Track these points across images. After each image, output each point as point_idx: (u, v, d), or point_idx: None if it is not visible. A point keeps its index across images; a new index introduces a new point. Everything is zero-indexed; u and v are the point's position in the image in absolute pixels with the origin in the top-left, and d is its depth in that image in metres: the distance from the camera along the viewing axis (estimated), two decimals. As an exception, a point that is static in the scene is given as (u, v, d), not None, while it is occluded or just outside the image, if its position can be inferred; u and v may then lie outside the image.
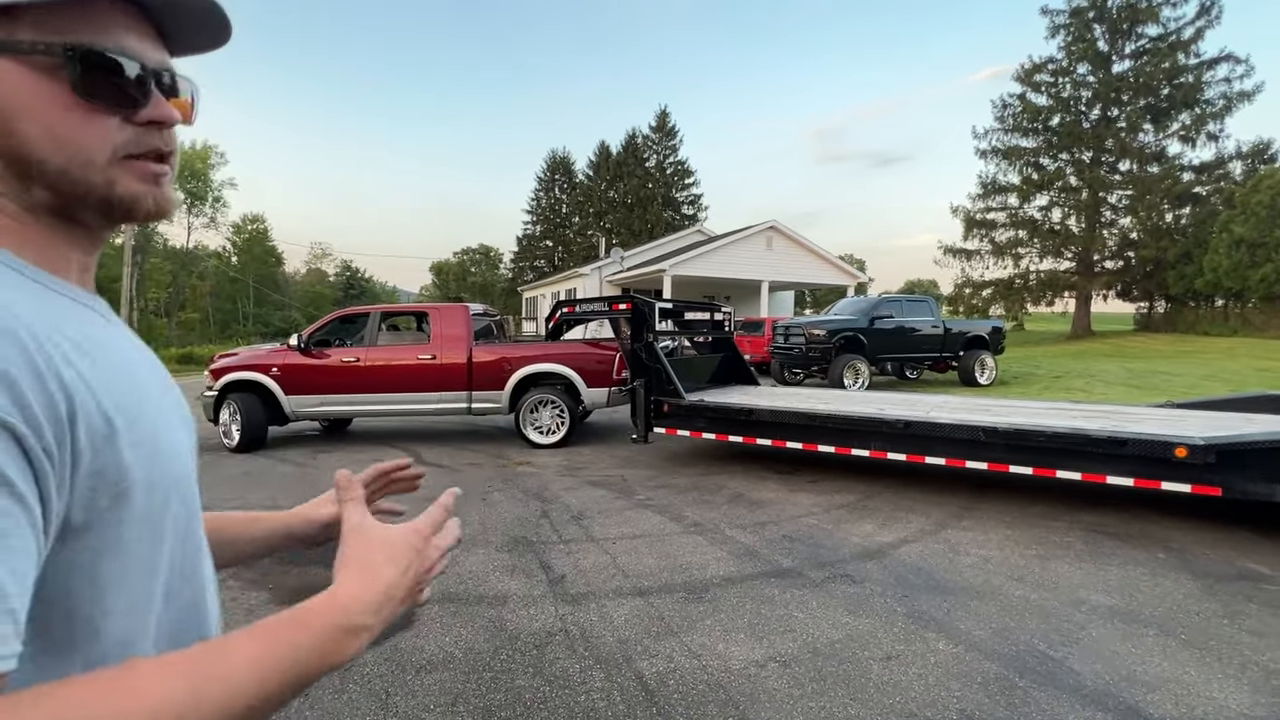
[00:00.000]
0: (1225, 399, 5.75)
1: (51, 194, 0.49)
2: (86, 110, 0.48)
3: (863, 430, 4.90)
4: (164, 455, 0.50)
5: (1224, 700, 2.23)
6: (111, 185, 0.49)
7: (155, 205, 0.52)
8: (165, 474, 0.49)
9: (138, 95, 0.50)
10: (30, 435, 0.39)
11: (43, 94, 0.46)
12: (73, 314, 0.48)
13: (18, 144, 0.47)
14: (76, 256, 0.53)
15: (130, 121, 0.50)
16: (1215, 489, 3.65)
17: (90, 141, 0.48)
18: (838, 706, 2.20)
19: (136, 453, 0.46)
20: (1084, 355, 18.99)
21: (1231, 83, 25.15)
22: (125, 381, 0.48)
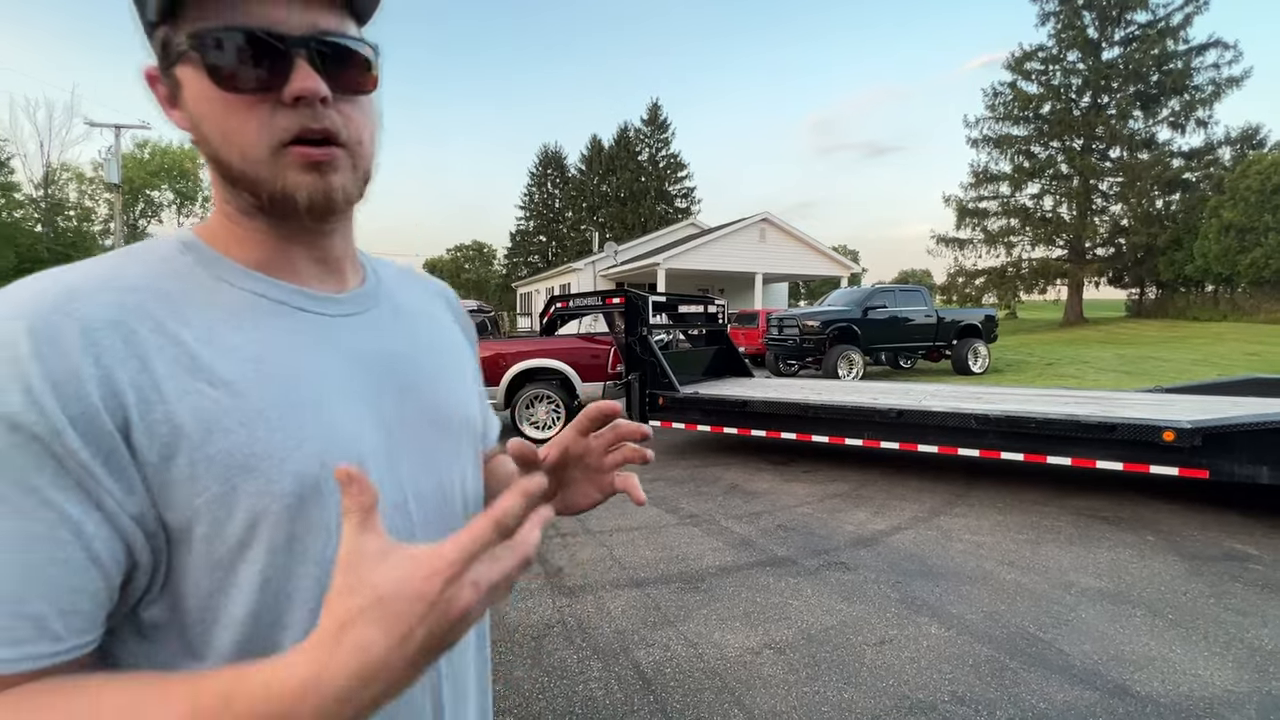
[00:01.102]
0: (1213, 383, 5.82)
1: (249, 195, 0.48)
2: (232, 101, 0.45)
3: (856, 420, 4.94)
4: (285, 462, 0.44)
5: (1209, 677, 2.28)
6: (277, 179, 0.46)
7: (313, 197, 0.47)
8: (289, 482, 0.44)
9: (273, 74, 0.45)
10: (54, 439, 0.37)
11: (206, 93, 0.45)
12: (233, 309, 0.47)
13: (209, 149, 0.47)
14: (300, 252, 0.51)
15: (282, 104, 0.45)
16: (1202, 472, 3.71)
17: (246, 134, 0.46)
18: (832, 691, 2.24)
19: (241, 461, 0.42)
20: (1076, 342, 19.12)
21: (1220, 68, 25.25)
22: (239, 389, 0.44)
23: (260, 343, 0.47)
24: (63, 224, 34.43)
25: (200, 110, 0.46)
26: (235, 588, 0.43)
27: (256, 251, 0.50)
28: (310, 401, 0.47)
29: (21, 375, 0.38)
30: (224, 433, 0.42)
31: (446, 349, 0.63)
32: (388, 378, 0.53)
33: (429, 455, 0.55)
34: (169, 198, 41.05)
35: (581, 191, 48.69)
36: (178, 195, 41.33)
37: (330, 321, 0.52)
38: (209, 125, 0.46)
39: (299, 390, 0.47)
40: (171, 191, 40.79)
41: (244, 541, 0.43)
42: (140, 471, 0.40)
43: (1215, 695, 2.17)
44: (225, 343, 0.45)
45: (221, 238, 0.50)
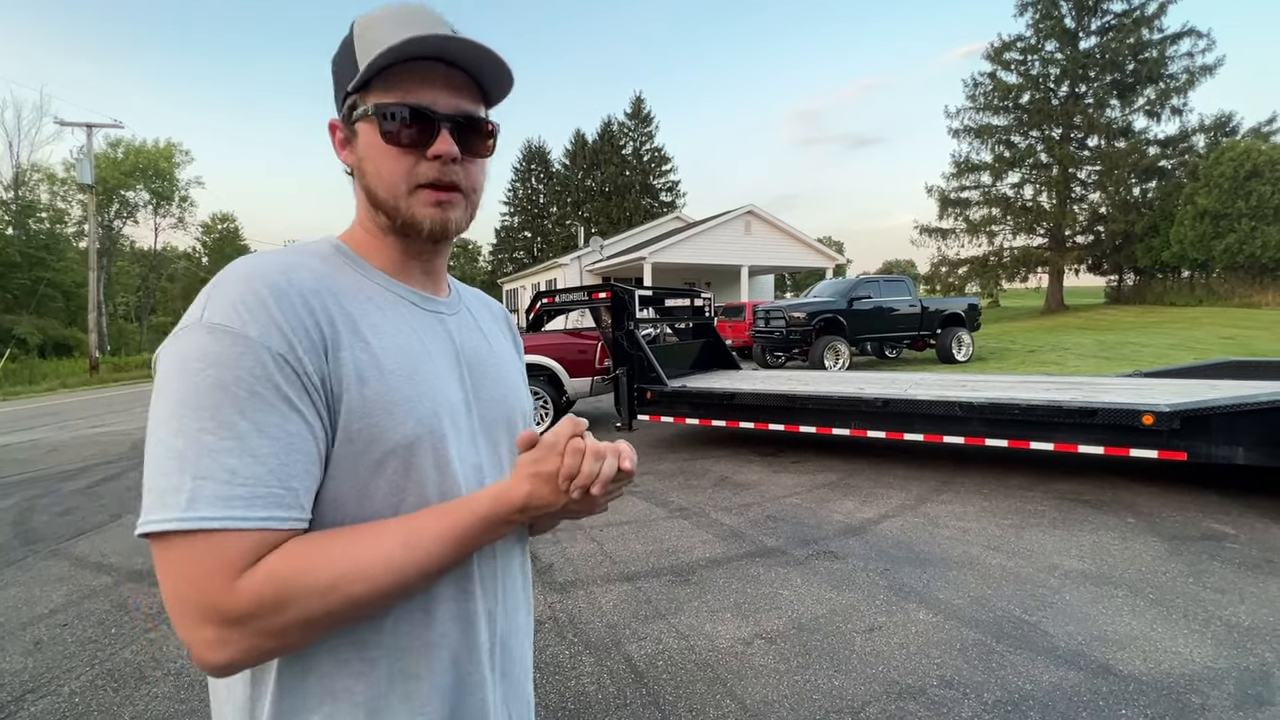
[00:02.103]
0: (1190, 366, 5.94)
1: (386, 218, 0.66)
2: (392, 152, 0.63)
3: (843, 410, 4.98)
4: (414, 410, 0.61)
5: (1189, 654, 2.33)
6: (409, 210, 0.65)
7: (433, 225, 0.65)
8: (401, 429, 0.60)
9: (423, 137, 0.63)
10: (299, 365, 0.55)
11: (375, 144, 0.64)
12: (374, 298, 0.65)
13: (368, 182, 0.66)
14: (416, 264, 0.70)
15: (425, 158, 0.63)
16: (1180, 454, 3.78)
17: (394, 176, 0.64)
18: (823, 679, 2.26)
19: (371, 410, 0.58)
20: (1057, 329, 19.39)
21: (1194, 57, 25.57)
22: (392, 345, 0.62)
23: (396, 326, 0.64)
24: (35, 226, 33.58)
25: (367, 154, 0.65)
26: (368, 498, 0.59)
27: (387, 260, 0.69)
28: (428, 372, 0.64)
29: (272, 319, 0.54)
30: (373, 382, 0.59)
31: (508, 357, 0.81)
32: (472, 367, 0.71)
33: (492, 433, 0.72)
34: (144, 198, 40.18)
35: (566, 186, 48.42)
36: (153, 195, 40.46)
37: (437, 317, 0.70)
38: (369, 165, 0.65)
39: (421, 363, 0.64)
40: (147, 191, 39.92)
41: (379, 462, 0.59)
42: (329, 396, 0.57)
43: (1195, 672, 2.22)
44: (373, 322, 0.62)
45: (362, 246, 0.69)
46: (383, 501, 0.59)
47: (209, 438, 0.50)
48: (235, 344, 0.52)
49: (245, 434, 0.51)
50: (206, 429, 0.50)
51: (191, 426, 0.50)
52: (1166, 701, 2.06)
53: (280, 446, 0.52)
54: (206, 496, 0.49)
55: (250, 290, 0.55)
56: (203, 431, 0.50)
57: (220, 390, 0.51)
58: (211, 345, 0.52)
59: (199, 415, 0.50)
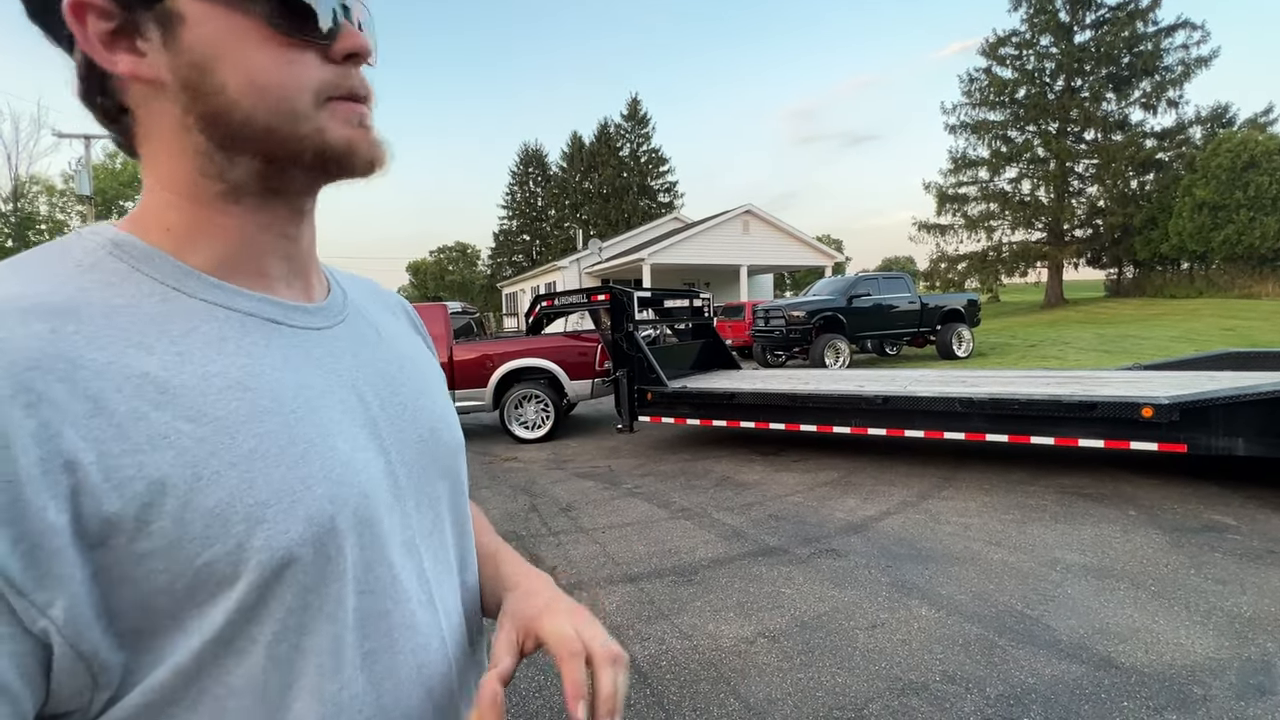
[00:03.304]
0: (1189, 359, 5.94)
1: (259, 161, 0.42)
2: (283, 46, 0.40)
3: (844, 408, 4.98)
4: (278, 508, 0.38)
5: (1191, 646, 2.33)
6: (322, 134, 0.42)
7: (370, 152, 0.44)
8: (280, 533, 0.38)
9: (331, 24, 0.42)
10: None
11: (237, 33, 0.39)
12: (199, 328, 0.40)
13: (221, 100, 0.39)
14: (276, 249, 0.45)
15: (327, 58, 0.42)
16: (1180, 446, 3.79)
17: (293, 84, 0.41)
18: (826, 676, 2.27)
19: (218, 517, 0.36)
20: (1057, 324, 19.40)
21: (1189, 49, 25.60)
22: (236, 421, 0.38)
23: (240, 366, 0.40)
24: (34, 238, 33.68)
25: (215, 52, 0.39)
26: (237, 656, 0.36)
27: (219, 248, 0.42)
28: (309, 433, 0.41)
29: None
30: (217, 479, 0.36)
31: (424, 364, 0.57)
32: (378, 398, 0.48)
33: (427, 483, 0.50)
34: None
35: (564, 189, 48.48)
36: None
37: (309, 336, 0.45)
38: (229, 69, 0.39)
39: (294, 420, 0.40)
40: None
41: (254, 604, 0.36)
42: (95, 553, 0.32)
43: (1198, 663, 2.22)
44: (200, 368, 0.38)
45: (167, 231, 0.41)
46: (264, 660, 0.37)
47: None
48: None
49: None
50: None
51: None
52: (1169, 693, 2.07)
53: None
54: None
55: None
56: None
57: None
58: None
59: None
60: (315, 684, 0.39)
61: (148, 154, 0.43)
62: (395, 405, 0.49)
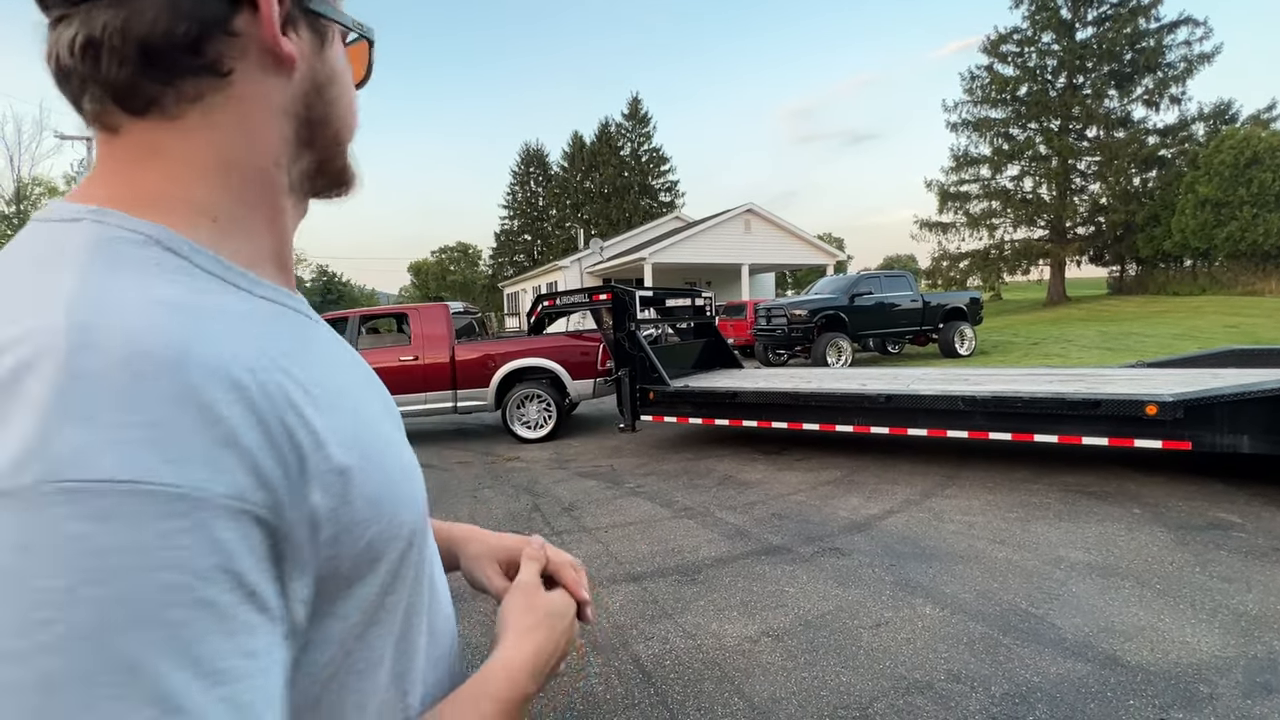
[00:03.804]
0: (1193, 356, 5.92)
1: (315, 164, 0.46)
2: (352, 82, 0.49)
3: (846, 407, 4.98)
4: (400, 486, 0.42)
5: (1196, 644, 2.33)
6: (351, 158, 0.49)
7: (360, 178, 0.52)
8: (406, 509, 0.42)
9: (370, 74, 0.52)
10: (275, 519, 0.31)
11: (347, 65, 0.48)
12: (281, 325, 0.39)
13: (335, 111, 0.46)
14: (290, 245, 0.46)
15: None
16: (1185, 443, 3.77)
17: (356, 114, 0.49)
18: (830, 675, 2.26)
19: (375, 501, 0.38)
20: (1060, 321, 19.35)
21: (1191, 45, 25.50)
22: (349, 407, 0.39)
23: (328, 363, 0.40)
24: (37, 240, 33.74)
25: (339, 77, 0.46)
26: (378, 625, 0.40)
27: (266, 245, 0.42)
28: (378, 425, 0.43)
29: (234, 444, 0.30)
30: (371, 466, 0.38)
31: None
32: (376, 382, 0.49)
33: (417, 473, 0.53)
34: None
35: (565, 189, 48.48)
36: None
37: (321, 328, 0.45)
38: (343, 89, 0.46)
39: (369, 414, 0.42)
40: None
41: (397, 574, 0.41)
42: (313, 546, 0.34)
43: (1203, 661, 2.22)
44: (318, 367, 0.38)
45: (218, 224, 0.39)
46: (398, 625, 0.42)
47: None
48: (185, 521, 0.27)
49: (216, 708, 0.27)
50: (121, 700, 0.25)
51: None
52: (1174, 691, 2.06)
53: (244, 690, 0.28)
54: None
55: (180, 396, 0.29)
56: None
57: (213, 623, 0.27)
58: (161, 532, 0.26)
59: (96, 684, 0.24)
60: (423, 646, 0.46)
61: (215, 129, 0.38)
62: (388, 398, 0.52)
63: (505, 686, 0.45)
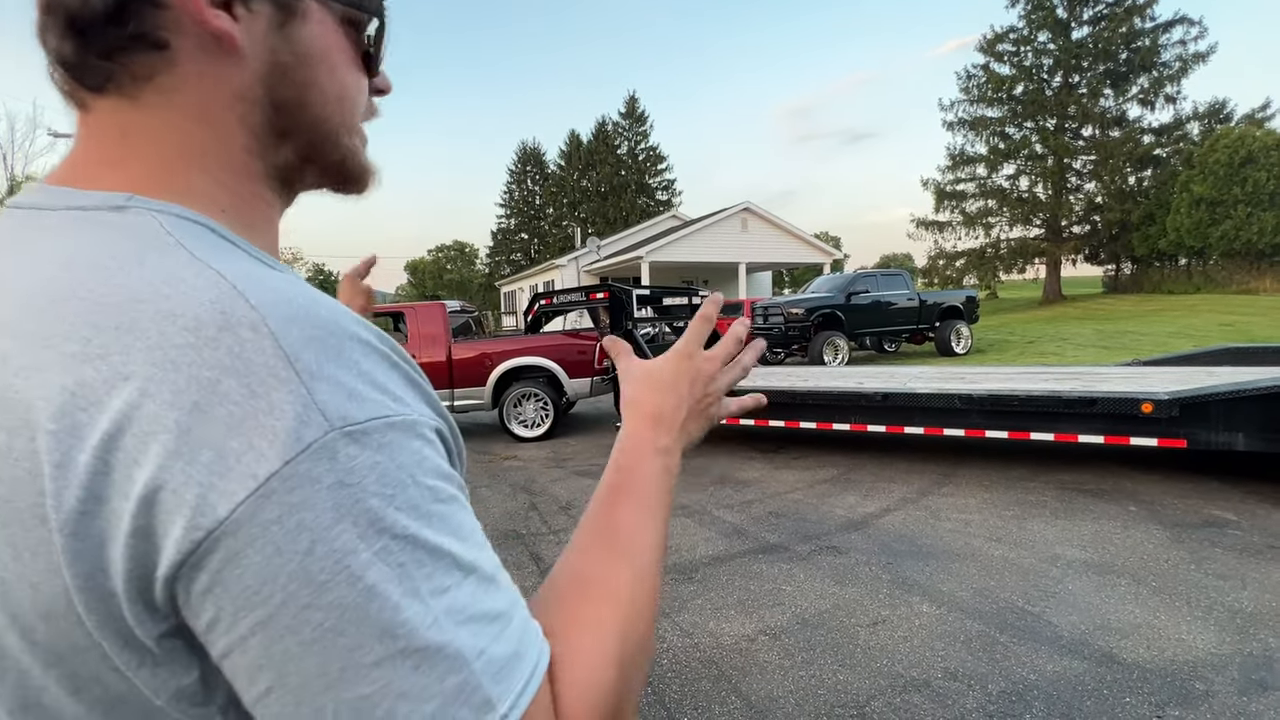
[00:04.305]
0: (1188, 354, 5.94)
1: (298, 155, 0.43)
2: (360, 71, 0.46)
3: (843, 405, 4.98)
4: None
5: (1192, 641, 2.33)
6: (356, 152, 0.46)
7: (373, 175, 0.49)
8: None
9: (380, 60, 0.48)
10: (449, 435, 0.38)
11: (342, 48, 0.43)
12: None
13: (310, 96, 0.42)
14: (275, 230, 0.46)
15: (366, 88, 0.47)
16: (1180, 441, 3.79)
17: (360, 105, 0.46)
18: (827, 673, 2.26)
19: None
20: (1056, 320, 19.39)
21: (1186, 45, 25.55)
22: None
23: None
24: (31, 239, 33.54)
25: (325, 55, 0.42)
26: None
27: (267, 228, 0.43)
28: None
29: (417, 385, 0.36)
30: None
31: None
32: None
33: None
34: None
35: (562, 187, 48.41)
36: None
37: None
38: (326, 73, 0.42)
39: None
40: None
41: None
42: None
43: (1199, 658, 2.22)
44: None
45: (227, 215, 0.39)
46: None
47: (473, 581, 0.33)
48: (420, 440, 0.34)
49: (488, 560, 0.35)
50: (475, 563, 0.33)
51: (463, 569, 0.32)
52: (1170, 688, 2.07)
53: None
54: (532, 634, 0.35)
55: (363, 346, 0.34)
56: (474, 567, 0.33)
57: (459, 507, 0.34)
58: (414, 450, 0.33)
59: (463, 548, 0.33)
60: None
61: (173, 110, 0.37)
62: None
63: (641, 444, 0.50)
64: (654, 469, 0.49)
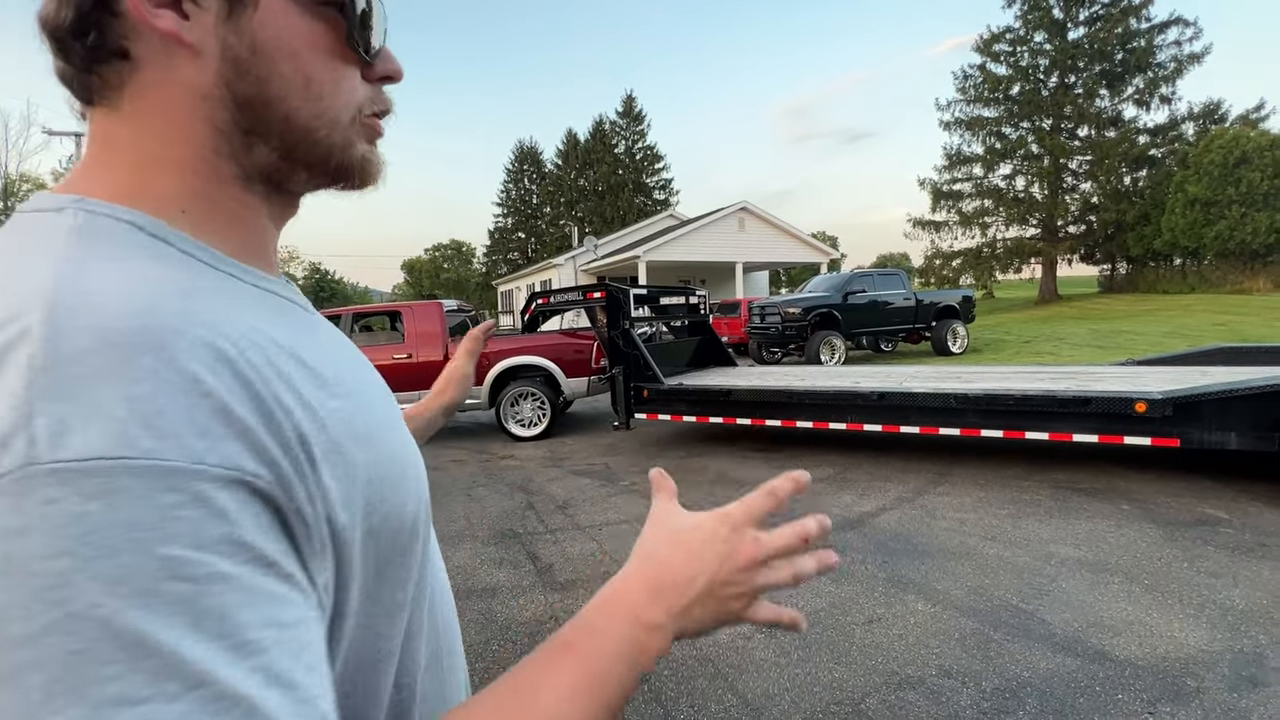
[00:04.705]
0: (1182, 354, 5.98)
1: (278, 155, 0.40)
2: (341, 59, 0.41)
3: (840, 404, 5.00)
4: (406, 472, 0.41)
5: (1184, 638, 2.35)
6: (349, 148, 0.43)
7: (377, 171, 0.46)
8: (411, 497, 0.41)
9: (377, 45, 0.43)
10: (281, 494, 0.30)
11: (306, 35, 0.39)
12: (276, 309, 0.39)
13: (272, 91, 0.39)
14: (272, 233, 0.44)
15: (364, 77, 0.43)
16: (1174, 440, 3.81)
17: (342, 96, 0.42)
18: (823, 671, 2.28)
19: (380, 485, 0.37)
20: (1052, 319, 19.46)
21: (1181, 45, 25.66)
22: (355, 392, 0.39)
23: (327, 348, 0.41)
24: (25, 237, 33.40)
25: (285, 44, 0.39)
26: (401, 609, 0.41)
27: (238, 233, 0.41)
28: (379, 407, 0.43)
29: (230, 417, 0.29)
30: (371, 446, 0.38)
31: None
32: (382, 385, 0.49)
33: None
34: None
35: (559, 187, 48.35)
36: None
37: (317, 319, 0.45)
38: (289, 64, 0.39)
39: (378, 403, 0.43)
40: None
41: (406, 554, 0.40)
42: (327, 527, 0.33)
43: (1191, 655, 2.24)
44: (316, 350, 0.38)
45: (188, 216, 0.38)
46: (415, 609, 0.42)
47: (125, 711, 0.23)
48: (182, 495, 0.26)
49: (255, 680, 0.26)
50: (124, 684, 0.23)
51: (93, 689, 0.23)
52: (1162, 685, 2.09)
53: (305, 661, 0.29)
54: None
55: (166, 369, 0.28)
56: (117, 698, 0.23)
57: (237, 594, 0.27)
58: (163, 508, 0.26)
59: (101, 663, 0.23)
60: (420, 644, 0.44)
61: (143, 116, 0.38)
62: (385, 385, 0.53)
63: (619, 610, 0.40)
64: (623, 643, 0.39)
